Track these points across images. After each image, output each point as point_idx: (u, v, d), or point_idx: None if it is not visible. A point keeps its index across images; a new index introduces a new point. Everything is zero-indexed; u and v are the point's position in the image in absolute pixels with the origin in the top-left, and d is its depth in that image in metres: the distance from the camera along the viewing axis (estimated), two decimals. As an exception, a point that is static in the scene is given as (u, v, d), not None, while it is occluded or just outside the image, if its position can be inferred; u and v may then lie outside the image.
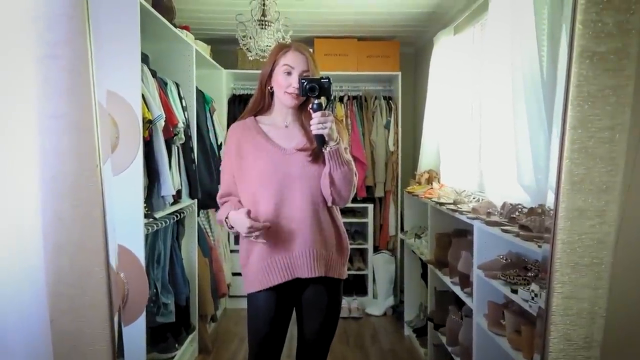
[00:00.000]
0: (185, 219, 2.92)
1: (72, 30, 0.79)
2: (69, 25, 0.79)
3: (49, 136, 0.81)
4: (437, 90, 3.29)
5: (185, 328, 2.86)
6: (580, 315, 0.95)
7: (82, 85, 0.82)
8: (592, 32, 0.87)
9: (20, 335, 0.89)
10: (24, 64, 0.81)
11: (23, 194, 0.85)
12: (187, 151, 2.84)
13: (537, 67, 1.85)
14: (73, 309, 0.86)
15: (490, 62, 2.38)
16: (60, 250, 0.85)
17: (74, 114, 0.82)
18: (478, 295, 2.06)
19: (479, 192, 2.69)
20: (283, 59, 1.67)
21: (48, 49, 0.79)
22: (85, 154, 0.83)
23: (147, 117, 2.21)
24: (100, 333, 0.86)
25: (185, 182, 2.82)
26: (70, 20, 0.79)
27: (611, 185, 0.92)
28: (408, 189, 3.37)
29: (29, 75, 0.80)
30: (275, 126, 1.73)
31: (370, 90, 4.11)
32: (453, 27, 3.11)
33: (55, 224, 0.84)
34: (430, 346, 2.87)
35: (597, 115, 0.90)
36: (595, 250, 0.94)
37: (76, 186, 0.83)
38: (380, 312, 3.84)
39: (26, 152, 0.83)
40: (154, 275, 2.46)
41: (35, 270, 0.86)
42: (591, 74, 0.89)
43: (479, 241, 2.06)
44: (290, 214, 1.64)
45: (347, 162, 1.63)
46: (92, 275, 0.86)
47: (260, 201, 1.65)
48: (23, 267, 0.87)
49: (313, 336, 1.74)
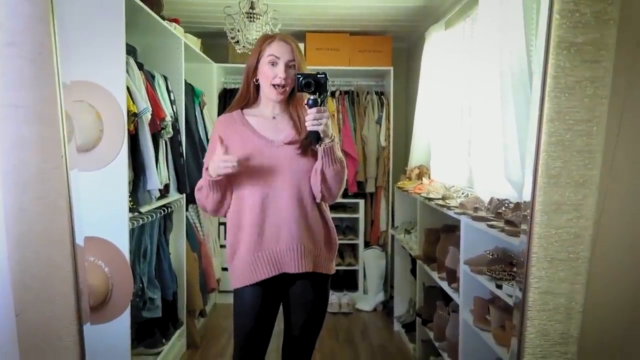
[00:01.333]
0: (173, 213, 2.90)
1: (33, 17, 0.77)
2: (30, 13, 0.76)
3: (9, 125, 0.79)
4: (428, 85, 3.28)
5: (173, 323, 2.85)
6: (557, 310, 0.94)
7: (45, 74, 0.79)
8: (570, 22, 0.86)
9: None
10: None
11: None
12: (176, 145, 2.81)
13: (525, 63, 1.84)
14: (39, 302, 0.84)
15: (479, 57, 2.37)
16: (24, 242, 0.82)
17: (35, 103, 0.79)
18: (464, 291, 2.06)
19: (468, 187, 2.68)
20: (268, 49, 1.64)
21: (8, 36, 0.77)
22: (49, 144, 0.81)
23: (133, 110, 2.19)
24: (68, 327, 0.84)
25: (173, 177, 2.80)
26: (32, 7, 0.77)
27: (588, 179, 0.91)
28: (398, 184, 3.36)
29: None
30: (263, 118, 1.70)
31: (362, 85, 4.09)
32: (444, 22, 3.09)
33: (17, 215, 0.82)
34: (418, 342, 2.87)
35: (575, 108, 0.89)
36: (572, 245, 0.93)
37: (39, 177, 0.81)
38: (370, 308, 3.84)
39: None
40: (140, 270, 2.44)
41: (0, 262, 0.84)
42: (568, 65, 0.87)
43: (466, 236, 2.05)
44: (277, 208, 1.62)
45: (340, 160, 1.61)
46: (58, 268, 0.84)
47: (246, 195, 1.63)
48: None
49: (299, 331, 1.73)
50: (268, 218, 1.62)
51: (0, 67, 0.78)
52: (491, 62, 2.19)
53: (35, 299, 0.85)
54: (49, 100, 0.80)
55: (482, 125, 2.33)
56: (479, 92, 2.40)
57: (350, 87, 4.08)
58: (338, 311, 3.72)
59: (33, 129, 0.80)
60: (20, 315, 0.85)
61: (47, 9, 0.77)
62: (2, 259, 0.84)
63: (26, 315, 0.85)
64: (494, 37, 2.16)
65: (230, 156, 1.53)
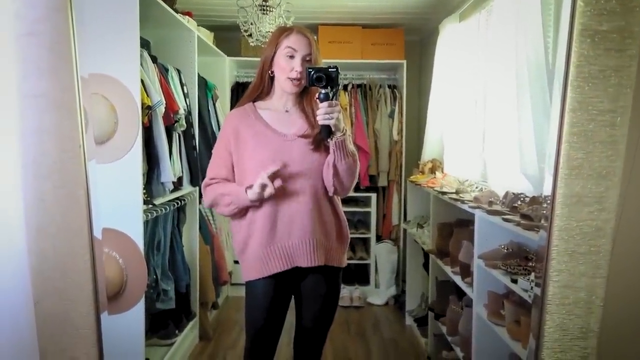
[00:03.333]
0: (187, 206, 2.91)
1: (51, 6, 0.77)
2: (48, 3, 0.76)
3: (29, 116, 0.79)
4: (441, 78, 3.25)
5: (186, 315, 2.86)
6: (577, 304, 0.92)
7: (63, 64, 0.79)
8: (594, 10, 0.83)
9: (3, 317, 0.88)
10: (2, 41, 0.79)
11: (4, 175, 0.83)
12: (189, 138, 2.82)
13: (542, 54, 1.81)
14: (57, 291, 0.85)
15: (495, 49, 2.34)
16: (43, 232, 0.83)
17: (55, 92, 0.80)
18: (478, 285, 2.04)
19: (482, 181, 2.65)
20: (286, 41, 1.63)
21: (27, 26, 0.77)
22: (67, 134, 0.81)
23: (147, 103, 2.19)
24: (85, 316, 0.85)
25: (186, 169, 2.81)
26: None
27: (611, 170, 0.88)
28: (411, 178, 3.34)
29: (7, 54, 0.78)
30: (275, 111, 1.70)
31: (374, 78, 4.06)
32: (458, 14, 3.05)
33: (37, 205, 0.82)
34: (430, 336, 2.86)
35: (598, 97, 0.87)
36: (593, 238, 0.91)
37: (58, 167, 0.81)
38: (382, 302, 3.83)
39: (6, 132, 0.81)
40: (153, 261, 2.45)
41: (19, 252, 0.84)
42: (592, 53, 0.85)
43: (480, 231, 2.03)
44: (290, 202, 1.61)
45: (352, 154, 1.60)
46: (76, 257, 0.84)
47: (259, 188, 1.63)
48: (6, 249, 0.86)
49: (311, 324, 1.73)
50: (280, 212, 1.61)
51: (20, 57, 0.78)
52: (507, 54, 2.16)
53: (54, 288, 0.85)
54: (68, 89, 0.80)
55: (497, 118, 2.31)
56: (494, 84, 2.37)
57: (362, 81, 4.05)
58: (350, 305, 3.72)
59: (52, 119, 0.80)
60: (38, 303, 0.86)
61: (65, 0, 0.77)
62: (21, 249, 0.85)
63: (44, 303, 0.86)
64: (509, 28, 2.13)
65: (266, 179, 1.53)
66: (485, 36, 2.71)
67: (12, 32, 0.78)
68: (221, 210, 1.68)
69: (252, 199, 1.57)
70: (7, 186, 0.85)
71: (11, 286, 0.88)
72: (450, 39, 3.10)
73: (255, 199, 1.57)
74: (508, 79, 2.12)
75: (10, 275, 0.88)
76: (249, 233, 1.66)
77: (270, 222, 1.61)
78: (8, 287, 0.88)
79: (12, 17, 0.78)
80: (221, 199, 1.66)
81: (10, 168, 0.83)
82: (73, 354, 0.87)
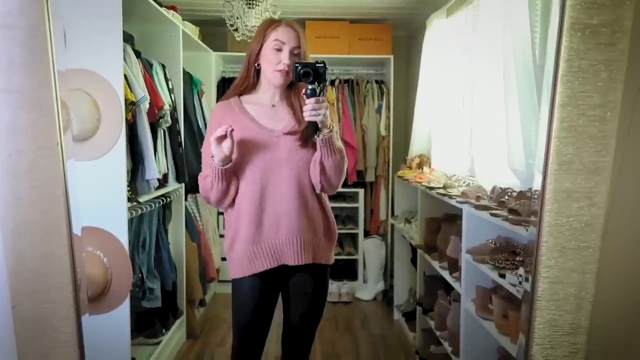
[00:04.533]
0: (172, 203, 2.87)
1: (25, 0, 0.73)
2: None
3: (2, 111, 0.76)
4: (429, 74, 3.24)
5: (173, 313, 2.83)
6: (567, 300, 0.92)
7: (39, 58, 0.76)
8: (584, 3, 0.82)
9: (-20, 321, 0.85)
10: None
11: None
12: (174, 134, 2.78)
13: (529, 49, 1.81)
14: (36, 294, 0.82)
15: (482, 44, 2.33)
16: (19, 232, 0.80)
17: (29, 88, 0.76)
18: (466, 280, 2.05)
19: (469, 176, 2.65)
20: (274, 33, 1.59)
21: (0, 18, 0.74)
22: (44, 131, 0.78)
23: (130, 99, 2.15)
24: (65, 319, 0.82)
25: (172, 166, 2.77)
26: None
27: (601, 165, 0.88)
28: (398, 173, 3.34)
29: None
30: (262, 105, 1.66)
31: (362, 73, 4.05)
32: (445, 10, 3.04)
33: (13, 204, 0.79)
34: (418, 331, 2.86)
35: (588, 92, 0.86)
36: (583, 234, 0.91)
37: (35, 165, 0.78)
38: (370, 297, 3.83)
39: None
40: (139, 260, 2.42)
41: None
42: (582, 47, 0.84)
43: (468, 225, 2.03)
44: (276, 199, 1.59)
45: (339, 151, 1.57)
46: (54, 258, 0.81)
47: (245, 185, 1.60)
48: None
49: (299, 321, 1.72)
50: (267, 209, 1.59)
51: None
52: (494, 49, 2.15)
53: (32, 290, 0.82)
54: (44, 85, 0.77)
55: (484, 113, 2.31)
56: (482, 79, 2.36)
57: (350, 76, 4.03)
58: (338, 300, 3.72)
59: (27, 116, 0.77)
60: (16, 307, 0.83)
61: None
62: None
63: (22, 307, 0.82)
64: (496, 23, 2.13)
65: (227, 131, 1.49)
66: (473, 31, 2.70)
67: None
68: (208, 195, 1.62)
69: (217, 158, 1.52)
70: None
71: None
72: (438, 34, 3.09)
73: (219, 157, 1.52)
74: (495, 73, 2.12)
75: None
76: (236, 231, 1.64)
77: (257, 219, 1.59)
78: (-16, 291, 0.85)
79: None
80: (204, 183, 1.62)
81: (-17, 166, 0.80)
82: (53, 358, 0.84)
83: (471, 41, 2.71)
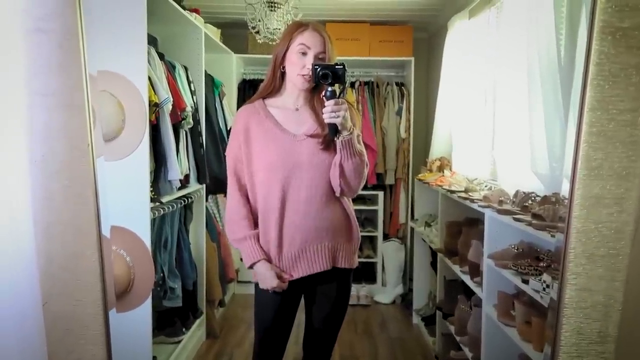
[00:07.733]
0: (193, 203, 2.90)
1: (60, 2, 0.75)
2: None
3: (38, 114, 0.78)
4: (450, 76, 3.21)
5: (193, 313, 2.86)
6: (595, 308, 0.90)
7: (73, 61, 0.78)
8: (615, 6, 0.81)
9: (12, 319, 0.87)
10: (11, 39, 0.77)
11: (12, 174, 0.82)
12: (196, 136, 2.81)
13: (554, 51, 1.78)
14: (65, 292, 0.84)
15: (506, 46, 2.31)
16: (51, 232, 0.82)
17: (64, 90, 0.78)
18: (488, 285, 2.02)
19: (491, 180, 2.62)
20: (300, 37, 1.58)
21: (36, 22, 0.76)
22: (76, 132, 0.80)
23: (154, 101, 2.19)
24: (94, 316, 0.84)
25: (193, 167, 2.80)
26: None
27: (631, 171, 0.86)
28: (419, 176, 3.31)
29: (16, 51, 0.77)
30: (285, 109, 1.65)
31: (382, 75, 4.04)
32: (468, 11, 3.02)
33: (46, 204, 0.81)
34: (438, 335, 2.84)
35: (618, 96, 0.84)
36: (612, 241, 0.89)
37: (67, 166, 0.80)
38: (389, 300, 3.82)
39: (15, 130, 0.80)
40: (160, 259, 2.45)
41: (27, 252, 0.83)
42: (613, 51, 0.83)
43: (490, 230, 2.00)
44: (298, 203, 1.57)
45: (359, 153, 1.55)
46: (84, 257, 0.83)
47: (268, 189, 1.59)
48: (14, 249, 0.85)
49: (321, 325, 1.71)
50: (289, 215, 1.58)
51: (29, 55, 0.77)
52: (517, 52, 2.12)
53: (62, 288, 0.84)
54: (77, 87, 0.79)
55: (507, 116, 2.28)
56: (504, 81, 2.34)
57: (370, 78, 4.03)
58: (356, 303, 3.71)
59: (60, 117, 0.79)
60: (46, 304, 0.85)
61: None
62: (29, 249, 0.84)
63: (52, 304, 0.85)
64: (520, 25, 2.10)
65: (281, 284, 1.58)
66: (496, 33, 2.67)
67: (20, 29, 0.77)
68: (228, 232, 1.70)
69: (250, 263, 1.62)
70: (15, 185, 0.84)
71: (19, 287, 0.87)
72: (459, 36, 3.06)
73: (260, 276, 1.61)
74: (518, 74, 2.09)
75: (18, 276, 0.87)
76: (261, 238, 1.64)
77: (279, 225, 1.58)
78: (16, 288, 0.87)
79: (19, 13, 0.76)
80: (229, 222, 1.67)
81: (18, 167, 0.82)
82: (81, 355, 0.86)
83: (494, 42, 2.68)
